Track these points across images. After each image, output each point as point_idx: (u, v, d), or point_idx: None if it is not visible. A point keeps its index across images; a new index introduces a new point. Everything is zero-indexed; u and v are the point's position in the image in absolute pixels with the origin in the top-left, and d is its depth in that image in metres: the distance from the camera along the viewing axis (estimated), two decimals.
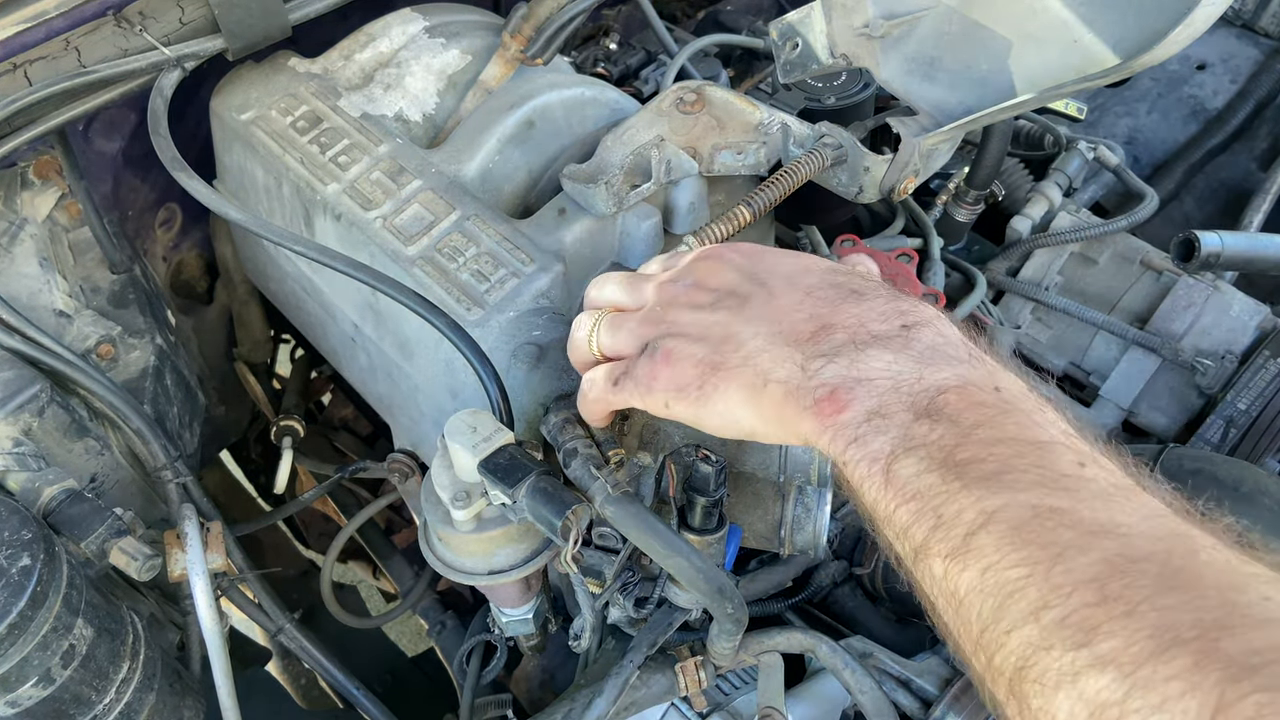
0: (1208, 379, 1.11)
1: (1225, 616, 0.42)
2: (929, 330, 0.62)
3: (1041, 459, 0.52)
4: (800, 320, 0.65)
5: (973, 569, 0.50)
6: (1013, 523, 0.49)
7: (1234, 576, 0.45)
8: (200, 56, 1.07)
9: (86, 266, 1.17)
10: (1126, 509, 0.49)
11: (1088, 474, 0.51)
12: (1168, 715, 0.41)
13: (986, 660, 0.49)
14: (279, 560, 1.73)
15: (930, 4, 0.93)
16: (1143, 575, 0.45)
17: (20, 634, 0.76)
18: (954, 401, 0.56)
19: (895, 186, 0.98)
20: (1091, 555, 0.46)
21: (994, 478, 0.51)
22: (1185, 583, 0.44)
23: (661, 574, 0.82)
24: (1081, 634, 0.44)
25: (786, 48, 0.99)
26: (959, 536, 0.51)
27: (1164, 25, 0.78)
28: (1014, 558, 0.48)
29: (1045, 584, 0.47)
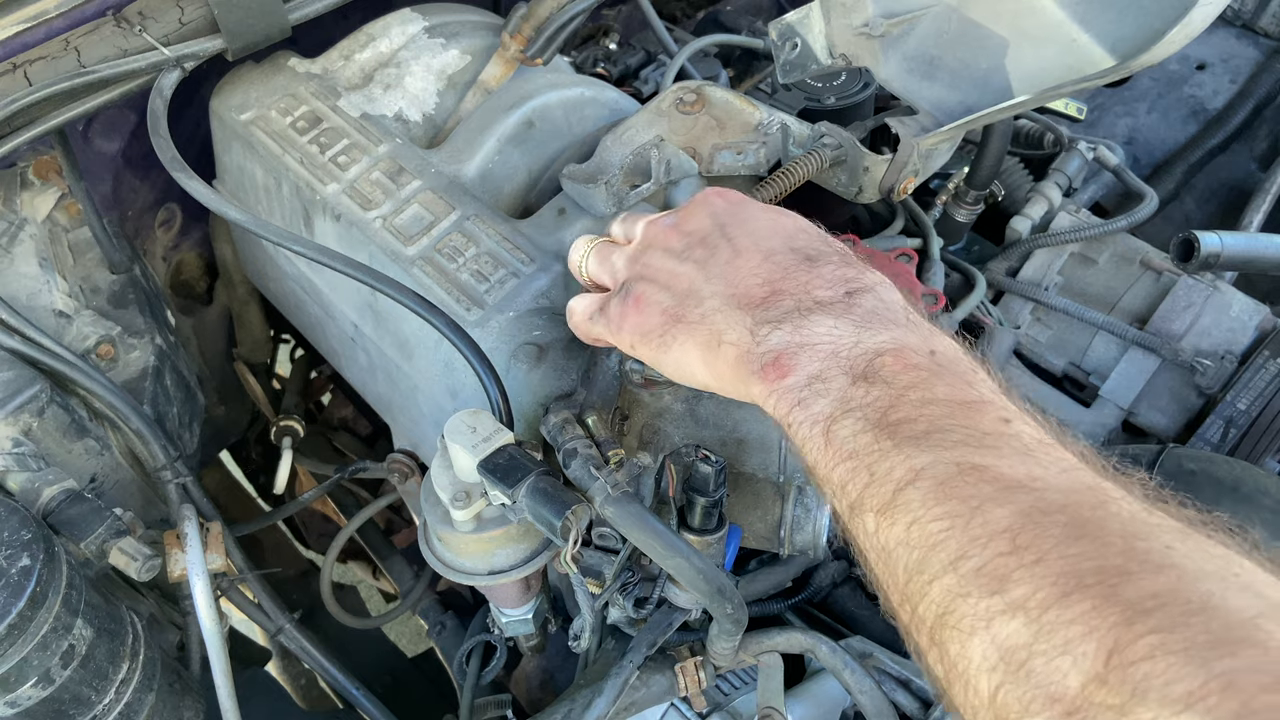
0: (1207, 379, 1.11)
1: (1126, 563, 0.44)
2: (870, 296, 0.65)
3: (969, 418, 0.55)
4: (754, 285, 0.68)
5: (900, 523, 0.53)
6: (938, 479, 0.52)
7: (1139, 526, 0.47)
8: (200, 56, 1.07)
9: (86, 266, 1.17)
10: (1044, 463, 0.51)
11: (1011, 430, 0.54)
12: (1070, 657, 0.43)
13: (911, 610, 0.52)
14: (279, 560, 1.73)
15: (930, 3, 0.93)
16: (1053, 525, 0.47)
17: (20, 634, 0.76)
18: (890, 364, 0.59)
19: (895, 186, 0.98)
20: (1007, 508, 0.49)
21: (923, 437, 0.54)
22: (1091, 533, 0.47)
23: (661, 574, 0.82)
24: (995, 582, 0.47)
25: (786, 48, 0.99)
26: (889, 493, 0.54)
27: (1162, 25, 0.78)
28: (937, 511, 0.51)
29: (964, 536, 0.49)
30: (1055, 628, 0.44)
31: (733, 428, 0.91)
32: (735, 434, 0.91)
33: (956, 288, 1.25)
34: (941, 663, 0.50)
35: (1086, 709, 0.42)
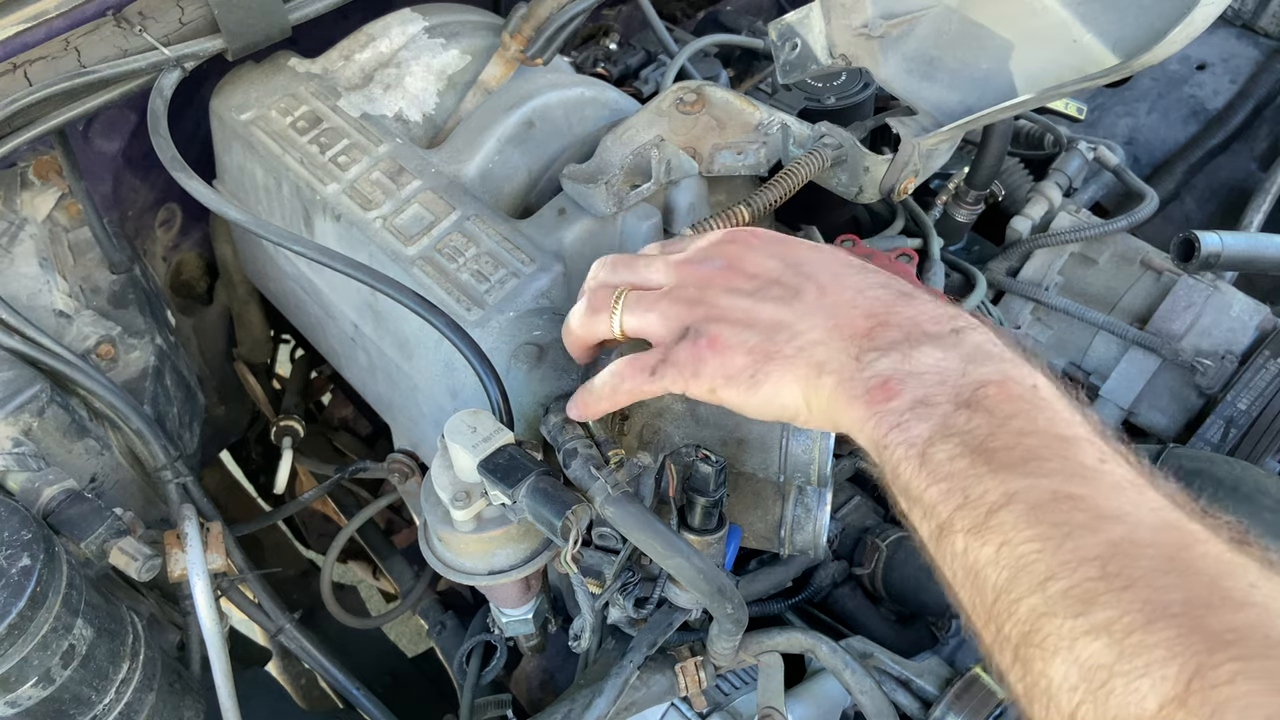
0: (1208, 379, 1.11)
1: (1210, 597, 0.46)
2: (977, 333, 0.66)
3: (1066, 451, 0.56)
4: (857, 316, 0.68)
5: (991, 544, 0.54)
6: (1031, 503, 0.53)
7: (1224, 565, 0.49)
8: (200, 56, 1.07)
9: (86, 266, 1.17)
10: (1137, 501, 0.53)
11: (1106, 469, 0.55)
12: (1150, 680, 0.45)
13: (996, 629, 0.53)
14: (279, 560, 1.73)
15: (929, 4, 0.93)
16: (1142, 557, 0.49)
17: (20, 634, 0.76)
18: (993, 394, 0.60)
19: (895, 186, 0.98)
20: (1099, 537, 0.50)
21: (1020, 464, 0.56)
22: (1180, 568, 0.48)
23: (661, 574, 0.82)
24: (1081, 604, 0.48)
25: (785, 48, 0.99)
26: (981, 515, 0.55)
27: (1163, 25, 0.78)
28: (1028, 534, 0.52)
29: (1054, 559, 0.51)
30: (1138, 651, 0.46)
31: (733, 428, 0.91)
32: (735, 434, 0.91)
33: (957, 288, 1.25)
34: (1023, 681, 0.52)
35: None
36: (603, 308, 0.78)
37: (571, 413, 0.82)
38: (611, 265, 0.82)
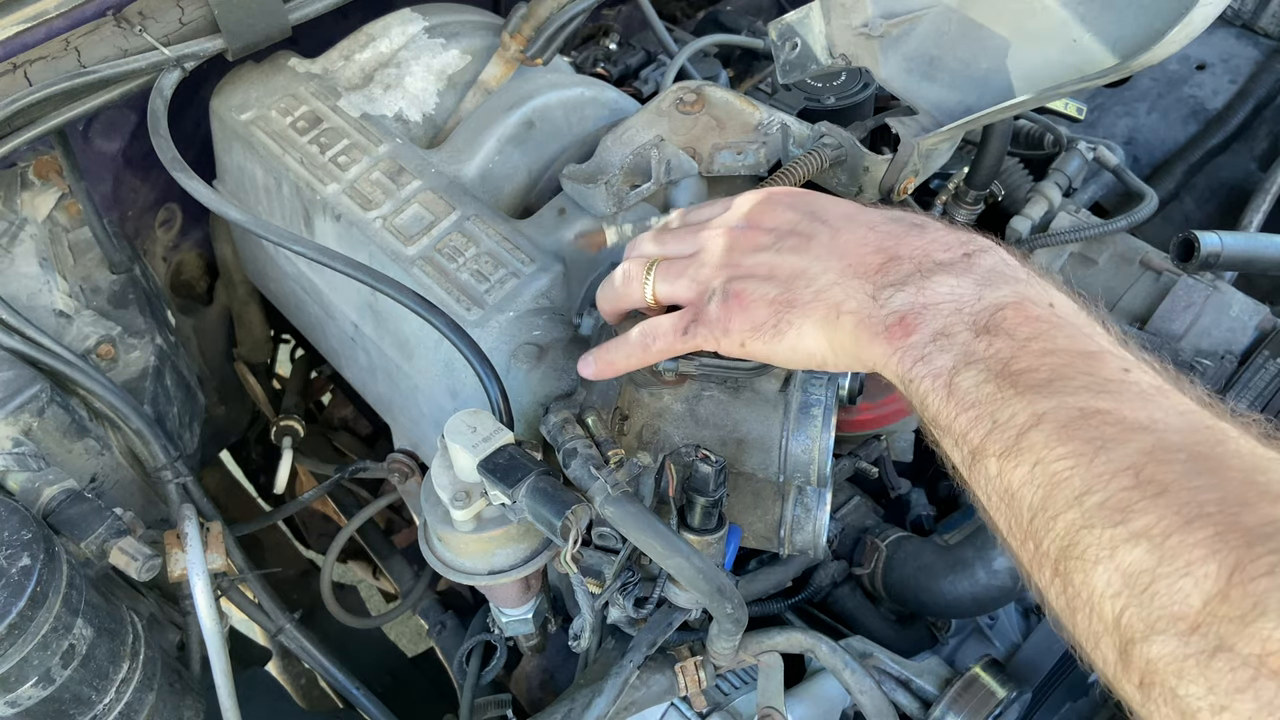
0: (1207, 379, 1.11)
1: (1245, 494, 0.48)
2: (990, 255, 0.67)
3: (1089, 367, 0.58)
4: (868, 253, 0.69)
5: (1024, 465, 0.55)
6: (1061, 422, 0.55)
7: (1257, 461, 0.50)
8: (200, 57, 1.07)
9: (86, 266, 1.17)
10: (1164, 407, 0.55)
11: (1131, 378, 0.57)
12: (1192, 578, 0.46)
13: (1034, 547, 0.55)
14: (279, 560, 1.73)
15: (929, 3, 0.93)
16: (1174, 462, 0.51)
17: (20, 634, 0.76)
18: (1011, 317, 0.61)
19: (895, 186, 0.98)
20: (1129, 447, 0.52)
21: (1045, 385, 0.57)
22: (1211, 468, 0.50)
23: (661, 574, 0.82)
24: (1118, 513, 0.50)
25: (785, 48, 0.99)
26: (1011, 437, 0.56)
27: (1162, 25, 0.78)
28: (1060, 451, 0.54)
29: (1088, 473, 0.52)
30: (1178, 552, 0.47)
31: (733, 428, 0.91)
32: (735, 434, 0.91)
33: None
34: (1064, 594, 0.53)
35: (1209, 623, 0.45)
36: (636, 277, 0.82)
37: (586, 370, 0.84)
38: (643, 240, 0.86)
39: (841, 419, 1.05)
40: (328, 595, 1.34)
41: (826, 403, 0.90)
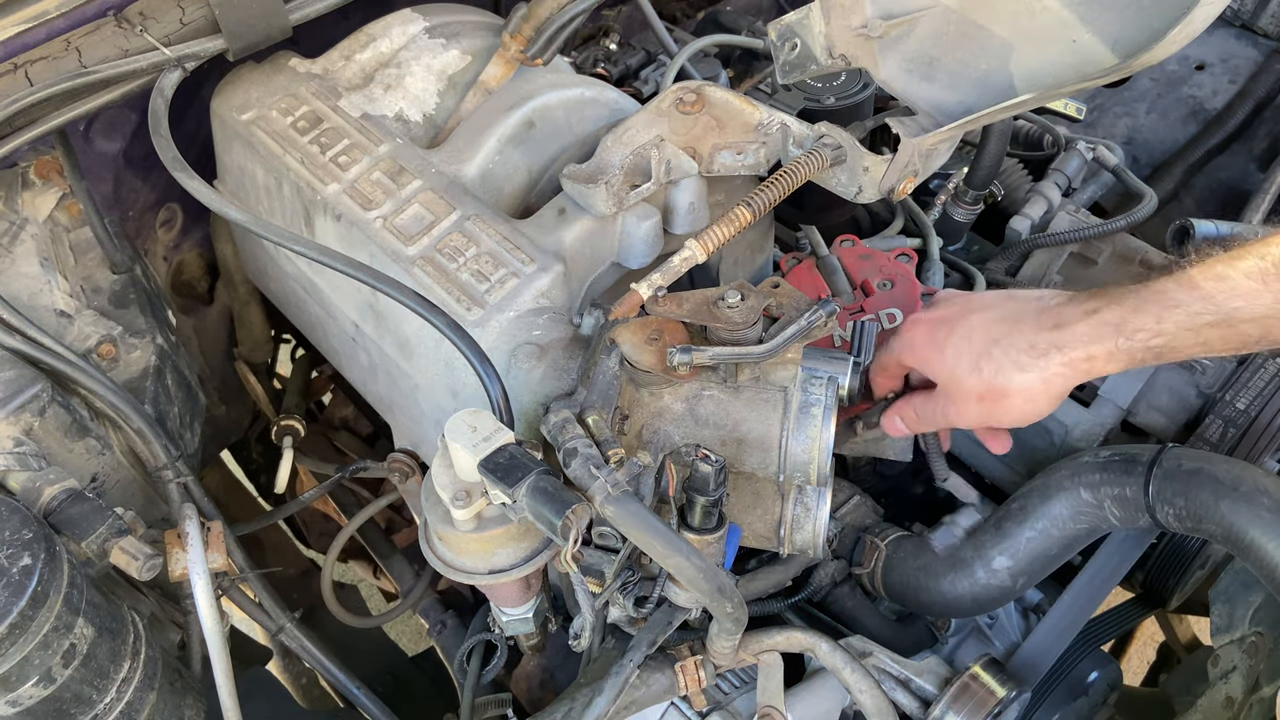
0: (1207, 379, 1.11)
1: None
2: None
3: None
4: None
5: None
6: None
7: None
8: (201, 57, 1.07)
9: (87, 266, 1.17)
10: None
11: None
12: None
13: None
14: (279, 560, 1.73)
15: (928, 4, 0.93)
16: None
17: (21, 633, 0.77)
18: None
19: (895, 187, 0.98)
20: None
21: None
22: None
23: (661, 573, 0.82)
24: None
25: (785, 48, 0.99)
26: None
27: (1162, 25, 0.78)
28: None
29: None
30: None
31: (733, 427, 0.91)
32: (735, 434, 0.91)
33: (956, 287, 1.25)
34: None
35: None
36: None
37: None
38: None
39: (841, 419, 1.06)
40: (328, 595, 1.34)
41: (826, 403, 0.90)
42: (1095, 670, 1.10)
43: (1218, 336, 0.80)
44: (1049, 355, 0.85)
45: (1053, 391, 0.87)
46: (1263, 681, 0.94)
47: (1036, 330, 0.87)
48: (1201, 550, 1.09)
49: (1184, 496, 0.90)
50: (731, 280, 1.00)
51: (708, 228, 0.93)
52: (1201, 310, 0.79)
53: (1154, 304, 0.81)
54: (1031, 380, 0.86)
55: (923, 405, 0.97)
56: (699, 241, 0.92)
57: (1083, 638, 1.08)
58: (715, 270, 1.19)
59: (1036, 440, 1.20)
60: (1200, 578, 1.15)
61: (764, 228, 1.22)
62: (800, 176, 0.96)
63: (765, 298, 0.90)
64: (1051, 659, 1.05)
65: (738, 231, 0.93)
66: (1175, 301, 0.80)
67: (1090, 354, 0.84)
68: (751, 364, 0.90)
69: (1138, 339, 0.82)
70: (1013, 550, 0.99)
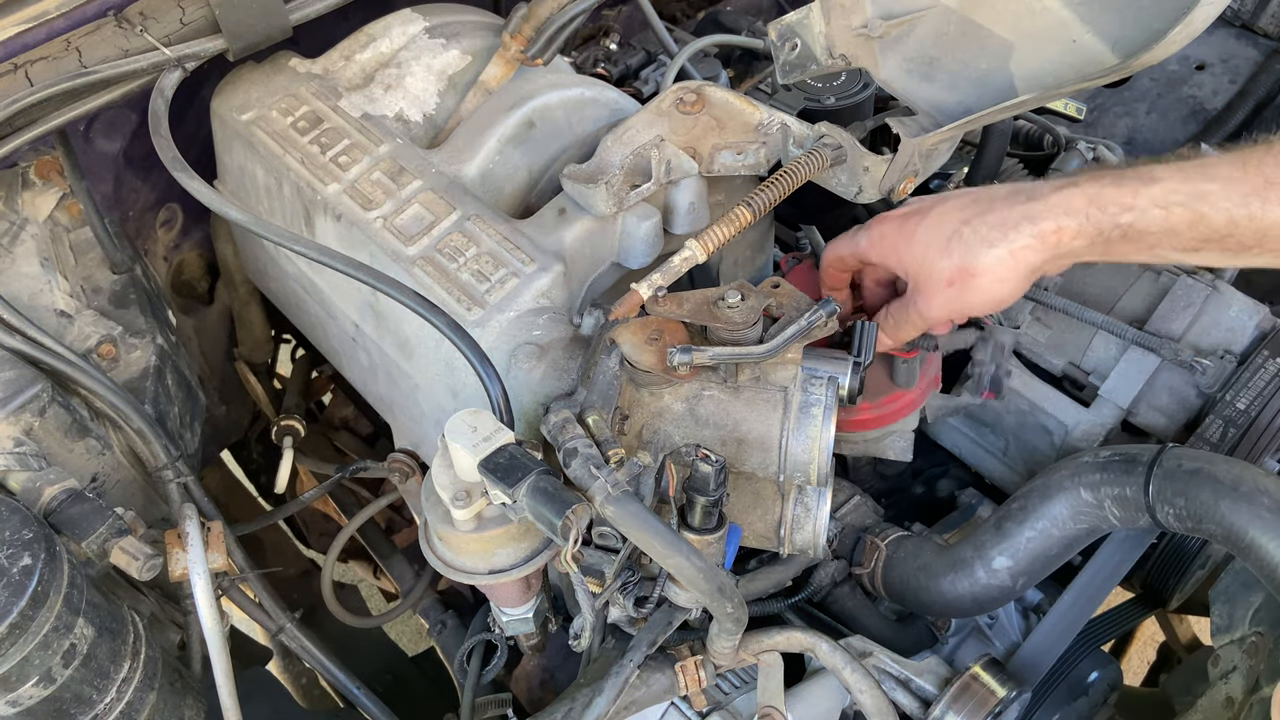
0: (1207, 379, 1.11)
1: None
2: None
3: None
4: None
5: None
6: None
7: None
8: (201, 57, 1.07)
9: (87, 266, 1.17)
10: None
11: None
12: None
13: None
14: (279, 560, 1.73)
15: (929, 4, 0.93)
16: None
17: (21, 633, 0.77)
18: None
19: (895, 187, 0.98)
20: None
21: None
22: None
23: (661, 573, 0.82)
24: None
25: (785, 48, 0.99)
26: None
27: (1163, 25, 0.78)
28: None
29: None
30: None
31: (733, 427, 0.91)
32: (735, 433, 0.91)
33: None
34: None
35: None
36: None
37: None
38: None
39: (841, 419, 1.06)
40: (328, 595, 1.34)
41: (826, 402, 0.90)
42: (1095, 670, 1.10)
43: (1185, 221, 0.79)
44: (1019, 227, 0.84)
45: (1021, 268, 0.86)
46: (1263, 681, 0.94)
47: (1009, 205, 0.86)
48: (1201, 550, 1.09)
49: (1184, 496, 0.90)
50: (731, 280, 1.00)
51: (708, 228, 0.93)
52: (1176, 188, 0.79)
53: (1133, 179, 0.81)
54: (1000, 256, 0.85)
55: (896, 309, 0.96)
56: (699, 241, 0.92)
57: (1083, 638, 1.08)
58: (715, 270, 1.19)
59: (1036, 440, 1.20)
60: (1200, 578, 1.15)
61: (764, 228, 1.22)
62: (800, 176, 0.96)
63: (765, 298, 0.90)
64: (1052, 659, 1.05)
65: (738, 231, 0.93)
66: (1154, 177, 0.80)
67: (1060, 225, 0.83)
68: (751, 364, 0.90)
69: (1109, 211, 0.81)
70: (1013, 550, 0.99)
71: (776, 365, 0.89)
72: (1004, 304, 0.90)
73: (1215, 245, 0.80)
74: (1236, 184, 0.78)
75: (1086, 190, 0.83)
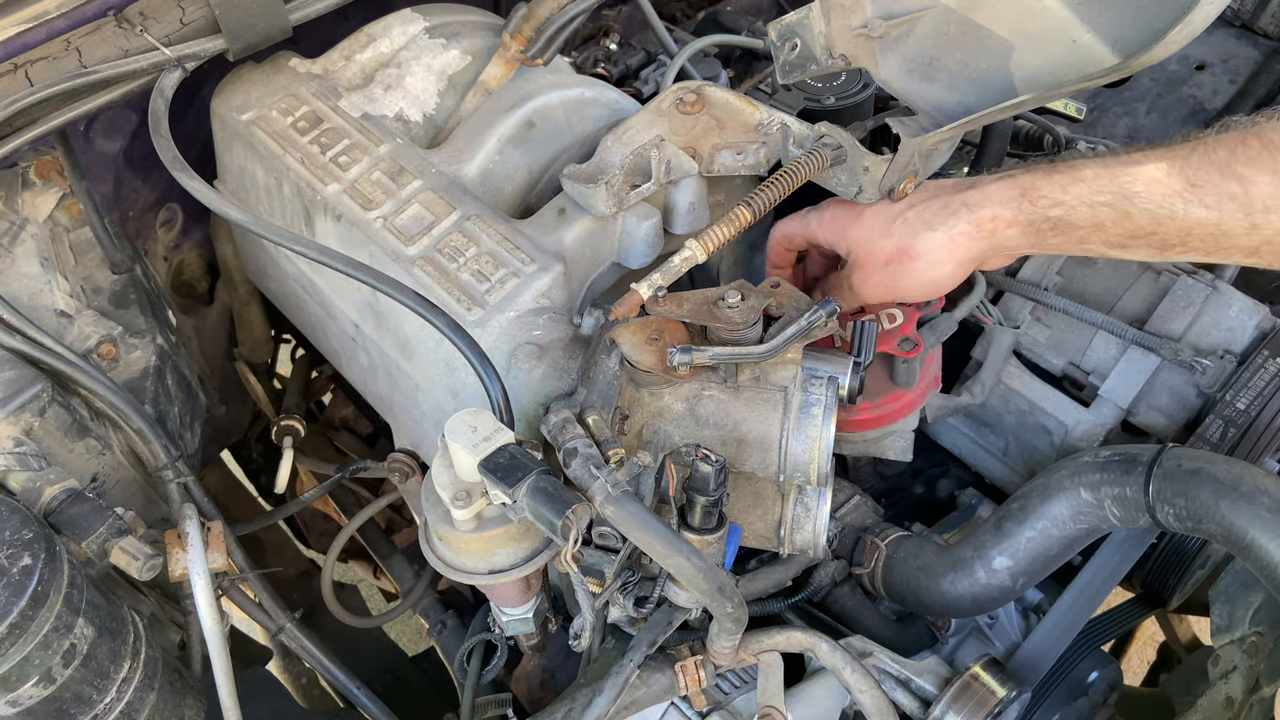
0: (1207, 379, 1.11)
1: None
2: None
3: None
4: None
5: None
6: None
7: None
8: (201, 57, 1.07)
9: (87, 266, 1.17)
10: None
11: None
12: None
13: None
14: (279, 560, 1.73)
15: (929, 4, 0.93)
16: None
17: (21, 633, 0.77)
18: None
19: (895, 187, 0.98)
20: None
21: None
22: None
23: (661, 573, 0.82)
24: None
25: (785, 49, 0.99)
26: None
27: (1162, 25, 0.78)
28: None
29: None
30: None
31: (733, 427, 0.91)
32: (735, 433, 0.91)
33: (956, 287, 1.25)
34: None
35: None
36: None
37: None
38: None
39: (841, 419, 1.06)
40: (328, 594, 1.34)
41: (826, 402, 0.90)
42: (1095, 670, 1.10)
43: (1110, 218, 0.83)
44: (958, 214, 0.89)
45: (957, 253, 0.90)
46: (1263, 681, 0.94)
47: (953, 192, 0.91)
48: (1201, 550, 1.09)
49: (1184, 496, 0.90)
50: (731, 280, 1.00)
51: (708, 228, 0.93)
52: (1104, 188, 0.83)
53: (1062, 174, 0.86)
54: (938, 240, 0.89)
55: (832, 281, 1.02)
56: (699, 241, 0.92)
57: (1083, 638, 1.08)
58: (715, 270, 1.19)
59: (1037, 440, 1.20)
60: (1200, 578, 1.15)
61: (764, 228, 1.22)
62: (800, 176, 0.96)
63: (765, 298, 0.90)
64: (1051, 659, 1.05)
65: (738, 231, 0.93)
66: (1081, 176, 0.84)
67: (995, 215, 0.87)
68: (751, 364, 0.90)
69: (1040, 204, 0.86)
70: (1013, 550, 0.99)
71: (776, 365, 0.89)
72: (938, 289, 0.94)
73: (1142, 241, 0.84)
74: (1159, 186, 0.81)
75: (1020, 182, 0.87)
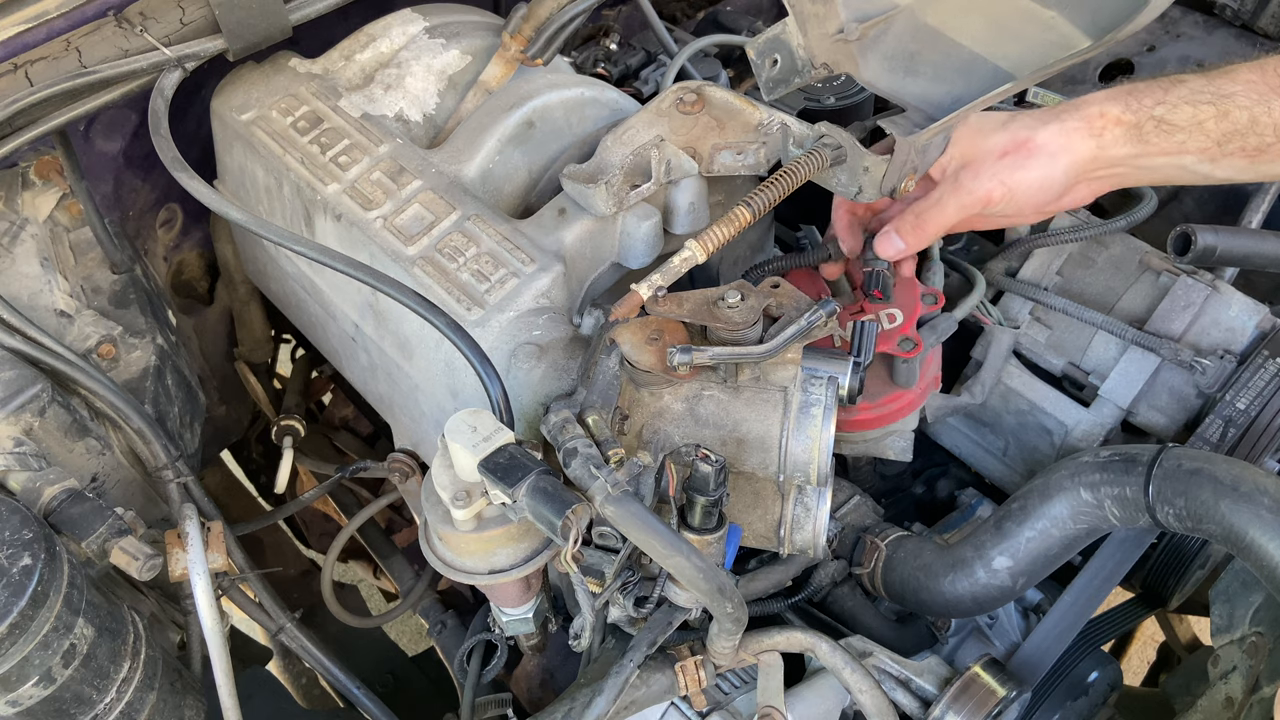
0: (1207, 379, 1.11)
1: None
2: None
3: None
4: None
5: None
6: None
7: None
8: (201, 57, 1.07)
9: (87, 266, 1.17)
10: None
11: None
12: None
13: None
14: (279, 560, 1.73)
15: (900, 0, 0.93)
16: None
17: (21, 633, 0.77)
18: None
19: (896, 187, 0.98)
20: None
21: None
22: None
23: (661, 573, 0.82)
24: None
25: (766, 65, 0.99)
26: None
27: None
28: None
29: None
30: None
31: (733, 427, 0.91)
32: (735, 433, 0.91)
33: (956, 287, 1.25)
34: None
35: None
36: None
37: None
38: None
39: (841, 419, 1.06)
40: (328, 594, 1.34)
41: (826, 402, 0.90)
42: (1095, 670, 1.10)
43: (1211, 115, 0.91)
44: (1069, 110, 0.95)
45: (1071, 151, 0.94)
46: (1263, 681, 0.94)
47: (1057, 107, 0.98)
48: (1201, 550, 1.09)
49: (1184, 496, 0.90)
50: (731, 280, 1.00)
51: (708, 228, 0.93)
52: (1203, 88, 0.92)
53: (1165, 81, 0.94)
54: (1054, 131, 0.94)
55: (921, 206, 1.01)
56: (699, 241, 0.92)
57: (1083, 638, 1.08)
58: (715, 270, 1.19)
59: (1036, 440, 1.20)
60: (1200, 578, 1.15)
61: (764, 228, 1.22)
62: (800, 176, 0.96)
63: (765, 298, 0.91)
64: (1051, 659, 1.05)
65: (738, 231, 0.93)
66: (1183, 80, 0.93)
67: (1104, 110, 0.94)
68: (751, 364, 0.90)
69: (1145, 102, 0.93)
70: (1013, 550, 0.99)
71: (776, 365, 0.89)
72: (1049, 192, 0.97)
73: (1237, 144, 0.91)
74: (1255, 86, 0.90)
75: (1125, 87, 0.95)
